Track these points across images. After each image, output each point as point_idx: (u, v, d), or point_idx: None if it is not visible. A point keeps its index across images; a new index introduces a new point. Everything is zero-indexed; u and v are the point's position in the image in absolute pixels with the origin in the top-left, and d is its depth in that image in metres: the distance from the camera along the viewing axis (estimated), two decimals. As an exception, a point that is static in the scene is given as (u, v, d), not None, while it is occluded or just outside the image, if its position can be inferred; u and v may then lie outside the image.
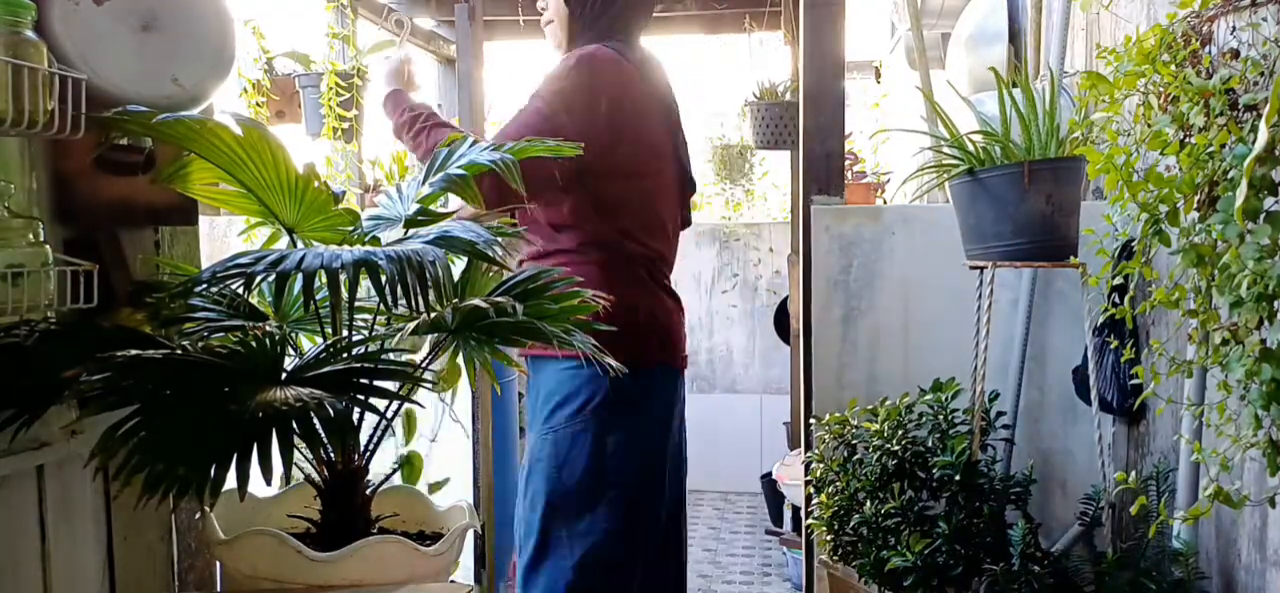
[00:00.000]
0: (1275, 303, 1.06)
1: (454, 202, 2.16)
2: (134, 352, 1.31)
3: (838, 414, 1.99)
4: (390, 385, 1.44)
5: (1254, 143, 1.04)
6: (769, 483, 4.10)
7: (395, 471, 2.13)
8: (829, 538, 1.91)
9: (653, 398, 2.08)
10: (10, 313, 1.25)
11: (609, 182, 2.03)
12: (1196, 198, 1.24)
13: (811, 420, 2.16)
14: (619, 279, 1.96)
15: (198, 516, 1.73)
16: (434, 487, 2.40)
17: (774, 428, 4.63)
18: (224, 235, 2.64)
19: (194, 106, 1.52)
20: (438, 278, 1.36)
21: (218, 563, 1.74)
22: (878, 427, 1.90)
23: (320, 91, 3.08)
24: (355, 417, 1.49)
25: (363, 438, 1.60)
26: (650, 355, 2.03)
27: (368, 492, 1.66)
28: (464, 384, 1.88)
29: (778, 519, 4.22)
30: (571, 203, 2.03)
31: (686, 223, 2.31)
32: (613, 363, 1.61)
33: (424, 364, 1.57)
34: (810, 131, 2.30)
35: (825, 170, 2.29)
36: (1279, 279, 1.04)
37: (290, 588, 1.56)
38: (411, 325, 1.51)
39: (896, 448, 1.85)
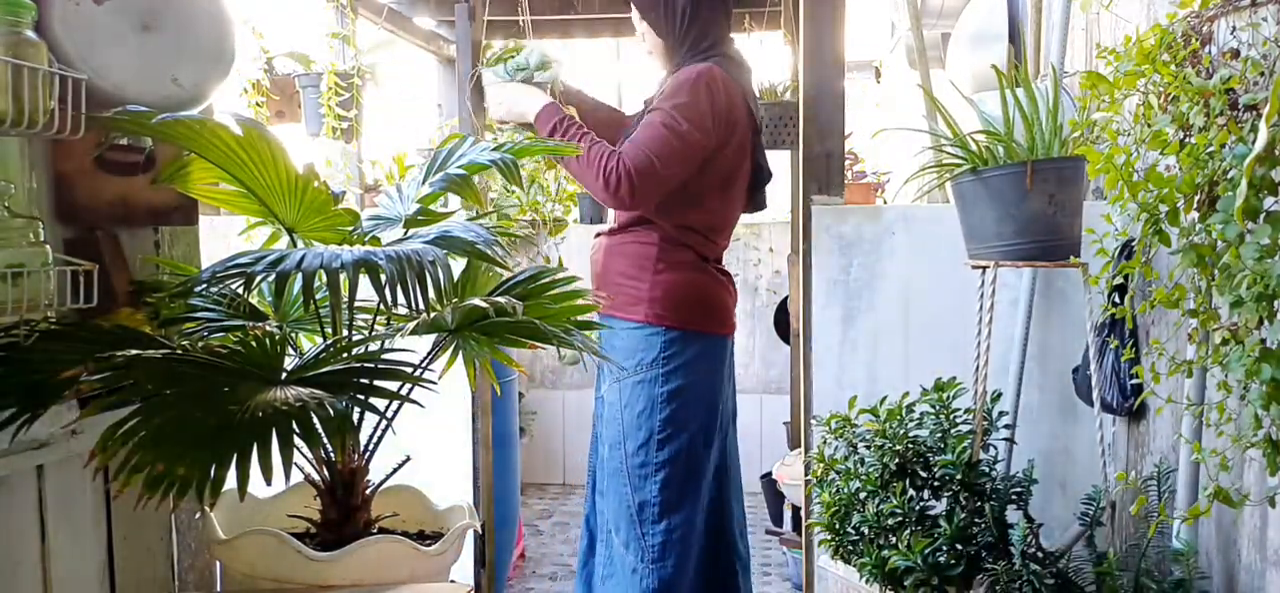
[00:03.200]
0: (1275, 303, 1.06)
1: (454, 201, 2.17)
2: (134, 351, 1.31)
3: (838, 414, 1.99)
4: (390, 385, 1.44)
5: (1254, 143, 1.04)
6: (769, 483, 4.10)
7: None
8: (830, 538, 1.91)
9: (704, 359, 2.38)
10: (10, 313, 1.25)
11: (701, 182, 2.29)
12: (1196, 198, 1.24)
13: (811, 420, 2.16)
14: (674, 259, 2.30)
15: (198, 516, 1.73)
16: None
17: (774, 428, 4.63)
18: (224, 235, 2.64)
19: (194, 106, 1.52)
20: (438, 278, 1.36)
21: (218, 563, 1.74)
22: (879, 426, 1.90)
23: (320, 91, 3.08)
24: (355, 417, 1.49)
25: (363, 438, 1.60)
26: (700, 322, 2.34)
27: (368, 492, 1.66)
28: (464, 384, 1.89)
29: (778, 519, 4.22)
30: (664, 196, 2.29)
31: (762, 206, 2.55)
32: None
33: (424, 364, 1.57)
34: (810, 132, 2.30)
35: (825, 170, 2.29)
36: (1279, 279, 1.04)
37: (290, 588, 1.56)
38: (411, 325, 1.51)
39: (899, 447, 1.84)
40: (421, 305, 1.36)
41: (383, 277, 1.30)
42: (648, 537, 2.31)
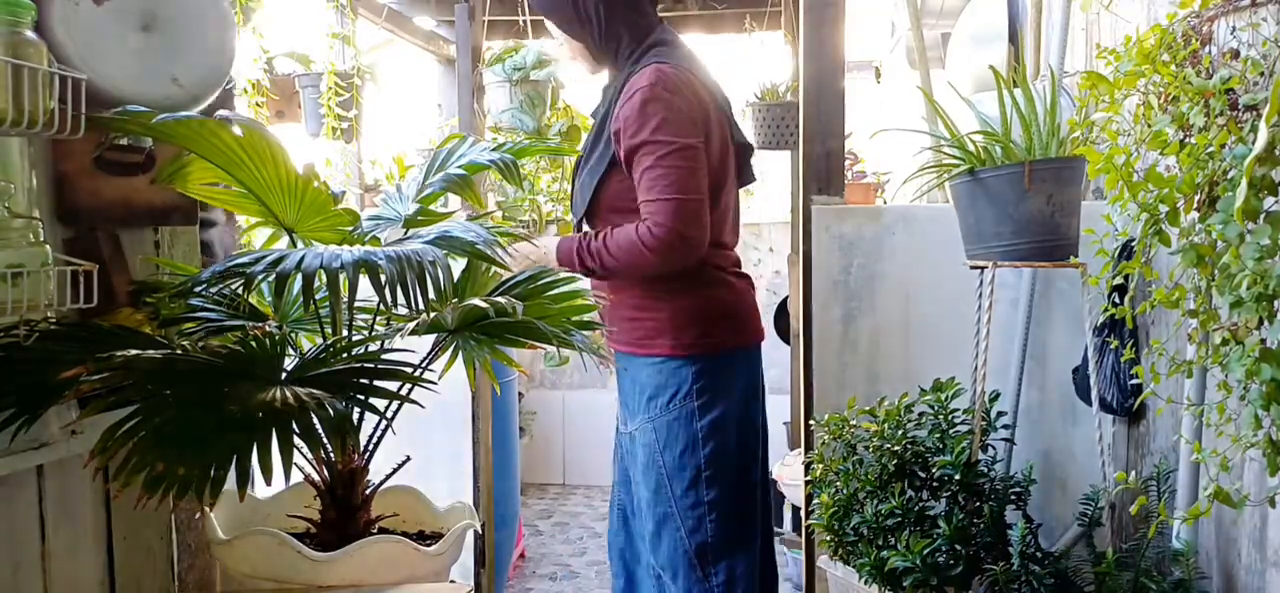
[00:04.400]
0: (1275, 303, 1.06)
1: (454, 201, 2.17)
2: (134, 352, 1.31)
3: (838, 414, 1.99)
4: (390, 385, 1.44)
5: (1254, 143, 1.04)
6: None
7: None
8: (829, 538, 1.91)
9: (739, 377, 2.19)
10: (10, 313, 1.25)
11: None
12: (1196, 198, 1.24)
13: (811, 421, 2.16)
14: (687, 280, 2.08)
15: (198, 516, 1.73)
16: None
17: (774, 428, 4.63)
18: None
19: (194, 106, 1.51)
20: (437, 278, 1.36)
21: (218, 563, 1.74)
22: (878, 427, 1.90)
23: (320, 91, 3.08)
24: (355, 417, 1.49)
25: (363, 438, 1.60)
26: (727, 339, 2.15)
27: (367, 492, 1.66)
28: (463, 384, 1.88)
29: (778, 519, 4.22)
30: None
31: (751, 179, 2.32)
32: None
33: (424, 364, 1.57)
34: (810, 132, 2.30)
35: (825, 170, 2.28)
36: (1279, 279, 1.04)
37: (290, 588, 1.56)
38: (411, 325, 1.51)
39: (897, 448, 1.84)
40: (421, 305, 1.36)
41: (383, 277, 1.30)
42: (712, 579, 2.13)
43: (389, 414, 1.52)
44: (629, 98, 2.00)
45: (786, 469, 3.54)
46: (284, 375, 1.40)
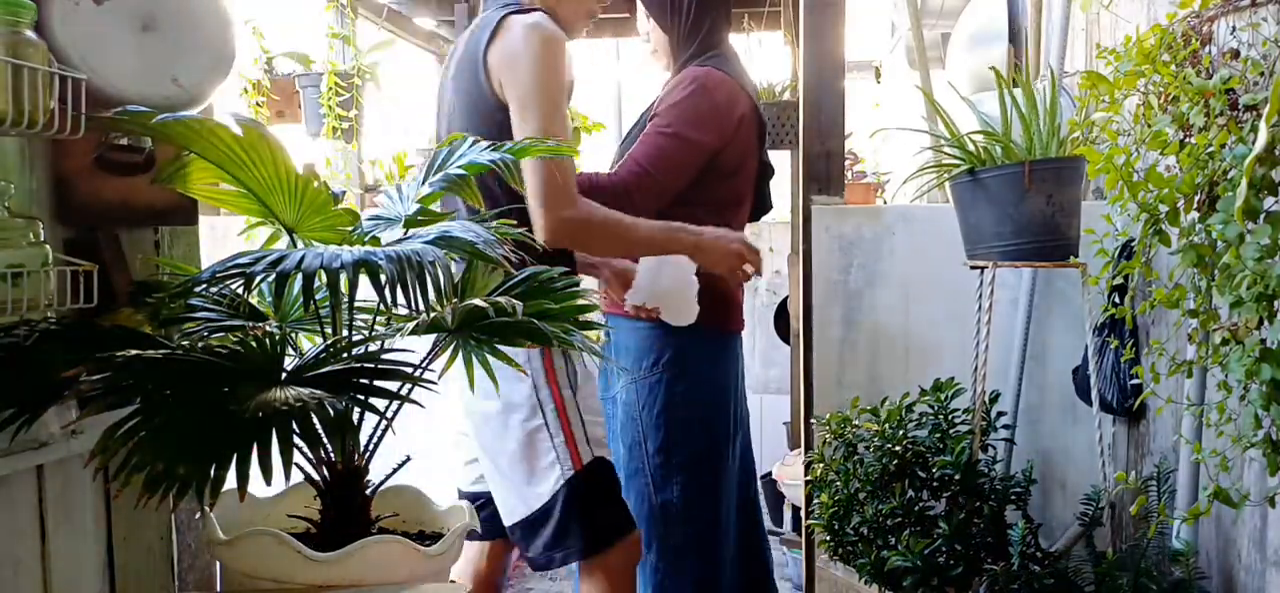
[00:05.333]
0: (1275, 303, 1.06)
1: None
2: (134, 352, 1.31)
3: (838, 414, 1.99)
4: (390, 385, 1.44)
5: (1254, 143, 1.04)
6: (769, 483, 4.10)
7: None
8: (829, 538, 1.91)
9: (719, 356, 2.37)
10: (10, 313, 1.25)
11: (706, 180, 2.27)
12: (1196, 198, 1.24)
13: (812, 420, 2.16)
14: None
15: (198, 516, 1.73)
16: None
17: (774, 428, 4.63)
18: (224, 236, 2.64)
19: (194, 106, 1.52)
20: (438, 278, 1.36)
21: (218, 563, 1.74)
22: (878, 426, 1.90)
23: (320, 91, 3.08)
24: (355, 417, 1.49)
25: (363, 438, 1.60)
26: (713, 319, 2.31)
27: (368, 492, 1.66)
28: (464, 385, 1.88)
29: (778, 519, 4.22)
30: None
31: (768, 207, 2.51)
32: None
33: (424, 364, 1.57)
34: (810, 132, 2.30)
35: (825, 170, 2.29)
36: (1279, 279, 1.04)
37: (290, 588, 1.55)
38: (411, 325, 1.51)
39: (897, 448, 1.84)
40: (421, 306, 1.36)
41: (383, 277, 1.30)
42: (670, 538, 2.29)
43: (389, 414, 1.51)
44: (679, 83, 2.24)
45: (786, 469, 3.54)
46: (284, 375, 1.40)
